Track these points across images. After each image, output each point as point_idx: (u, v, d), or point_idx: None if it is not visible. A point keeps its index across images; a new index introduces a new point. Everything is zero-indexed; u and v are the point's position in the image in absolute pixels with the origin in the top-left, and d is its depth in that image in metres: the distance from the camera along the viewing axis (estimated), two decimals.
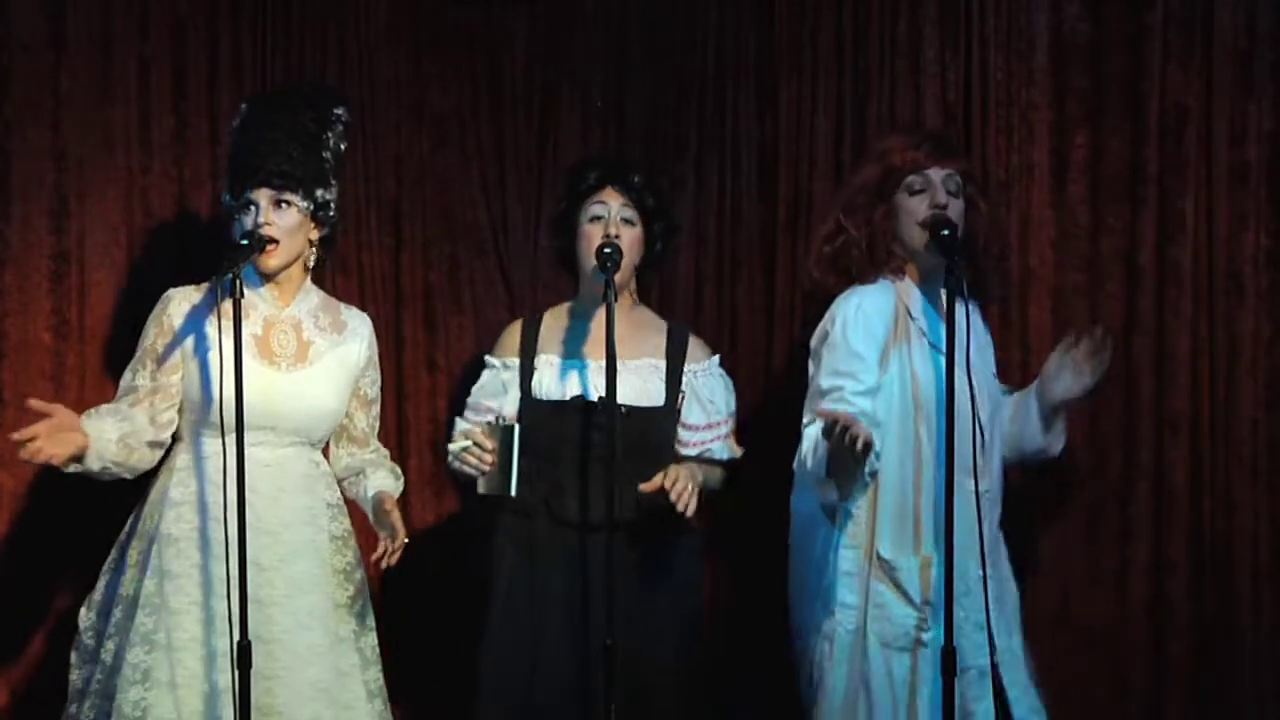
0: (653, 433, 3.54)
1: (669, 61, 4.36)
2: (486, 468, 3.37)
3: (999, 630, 3.34)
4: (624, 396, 3.48)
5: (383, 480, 3.61)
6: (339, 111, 3.58)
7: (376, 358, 3.65)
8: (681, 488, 3.33)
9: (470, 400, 3.69)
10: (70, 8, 3.92)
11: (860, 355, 3.39)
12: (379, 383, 3.66)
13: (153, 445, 3.43)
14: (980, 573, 3.28)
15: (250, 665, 3.17)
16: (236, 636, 3.17)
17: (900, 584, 3.37)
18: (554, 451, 3.50)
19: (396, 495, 3.59)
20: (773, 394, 4.20)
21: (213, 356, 3.35)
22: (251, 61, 4.11)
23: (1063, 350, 3.51)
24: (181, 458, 3.46)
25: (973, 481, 3.25)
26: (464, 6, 4.32)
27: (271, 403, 3.41)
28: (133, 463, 3.41)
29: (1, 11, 3.86)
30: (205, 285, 3.49)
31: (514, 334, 3.69)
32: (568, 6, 4.38)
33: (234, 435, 3.21)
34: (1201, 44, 3.85)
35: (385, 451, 3.71)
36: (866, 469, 3.25)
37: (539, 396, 3.56)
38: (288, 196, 3.44)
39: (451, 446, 3.46)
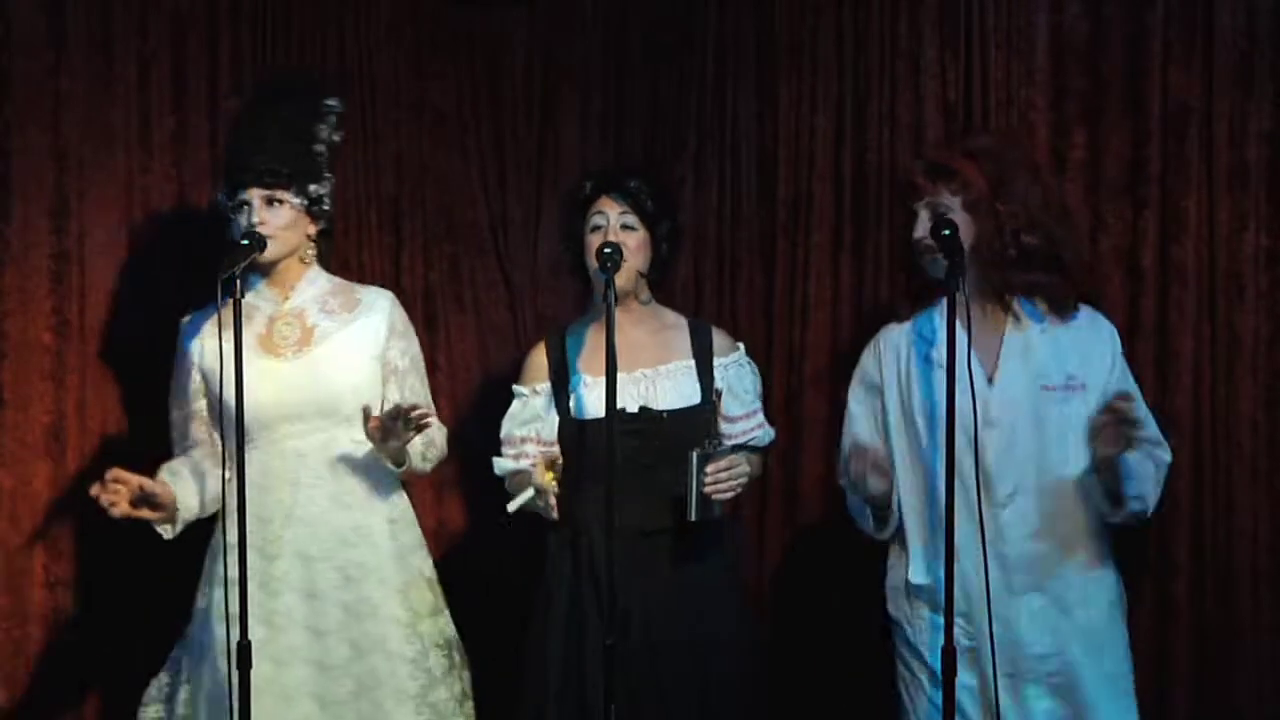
0: (694, 433, 3.53)
1: (669, 61, 4.36)
2: (554, 514, 3.47)
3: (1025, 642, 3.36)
4: (663, 402, 3.55)
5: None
6: (331, 103, 3.60)
7: (405, 327, 3.62)
8: (725, 479, 3.41)
9: (504, 433, 3.66)
10: (70, 8, 3.92)
11: (853, 413, 3.59)
12: (411, 352, 3.61)
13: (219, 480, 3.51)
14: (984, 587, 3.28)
15: (250, 665, 3.18)
16: (236, 636, 3.19)
17: (936, 601, 3.38)
18: (601, 466, 3.47)
19: (417, 462, 3.55)
20: (772, 395, 4.20)
21: (219, 365, 3.39)
22: (251, 61, 4.11)
23: (1106, 411, 3.32)
24: (226, 469, 3.48)
25: (989, 493, 3.30)
26: (464, 6, 4.32)
27: (282, 393, 3.44)
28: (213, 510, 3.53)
29: (1, 11, 3.86)
30: (210, 305, 3.51)
31: (540, 357, 3.68)
32: (568, 6, 4.38)
33: (235, 436, 3.23)
34: (1201, 44, 3.83)
35: (437, 425, 3.62)
36: (877, 507, 3.45)
37: (578, 416, 3.58)
38: (280, 194, 3.47)
39: (511, 505, 3.46)
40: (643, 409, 3.53)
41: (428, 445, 3.58)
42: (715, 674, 3.51)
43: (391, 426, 3.36)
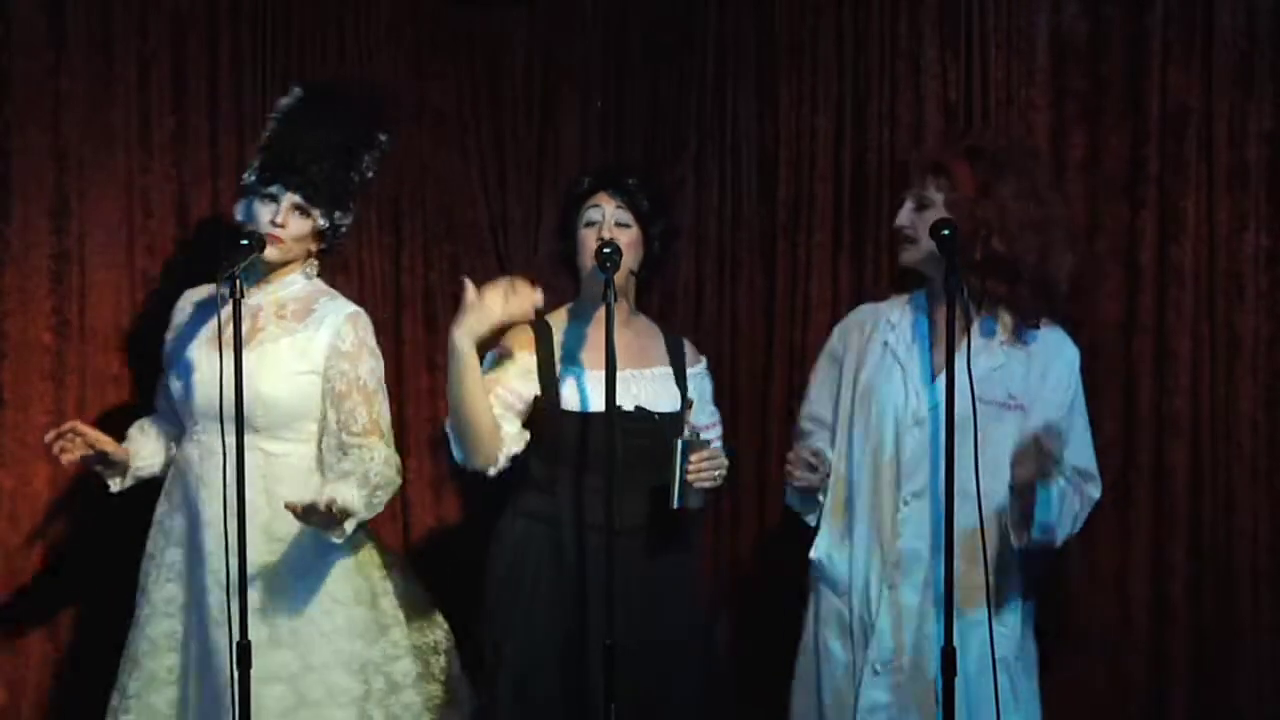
0: (674, 437, 3.54)
1: (669, 61, 4.36)
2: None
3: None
4: (652, 404, 3.56)
5: (336, 489, 3.39)
6: (382, 138, 3.62)
7: (355, 348, 3.51)
8: (708, 468, 3.45)
9: (494, 375, 3.54)
10: (70, 8, 3.91)
11: (811, 386, 3.66)
12: (354, 375, 3.50)
13: None
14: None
15: (250, 665, 3.18)
16: (237, 636, 3.20)
17: (830, 576, 3.49)
18: (588, 460, 3.48)
19: (354, 508, 3.38)
20: (772, 395, 4.20)
21: (190, 353, 3.49)
22: (251, 61, 4.10)
23: (1030, 439, 3.32)
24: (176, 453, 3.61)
25: (895, 488, 3.40)
26: (464, 6, 4.32)
27: (207, 387, 3.42)
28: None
29: (1, 11, 3.85)
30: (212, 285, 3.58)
31: (526, 335, 3.61)
32: (568, 6, 4.38)
33: (233, 432, 3.22)
34: (1201, 44, 3.84)
35: (376, 452, 3.48)
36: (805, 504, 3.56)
37: (568, 408, 3.53)
38: (312, 210, 3.49)
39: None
40: (638, 409, 3.53)
41: (372, 491, 3.44)
42: (675, 676, 3.51)
43: (313, 519, 3.32)
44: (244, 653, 3.17)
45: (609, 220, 3.57)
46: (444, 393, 4.20)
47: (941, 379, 3.29)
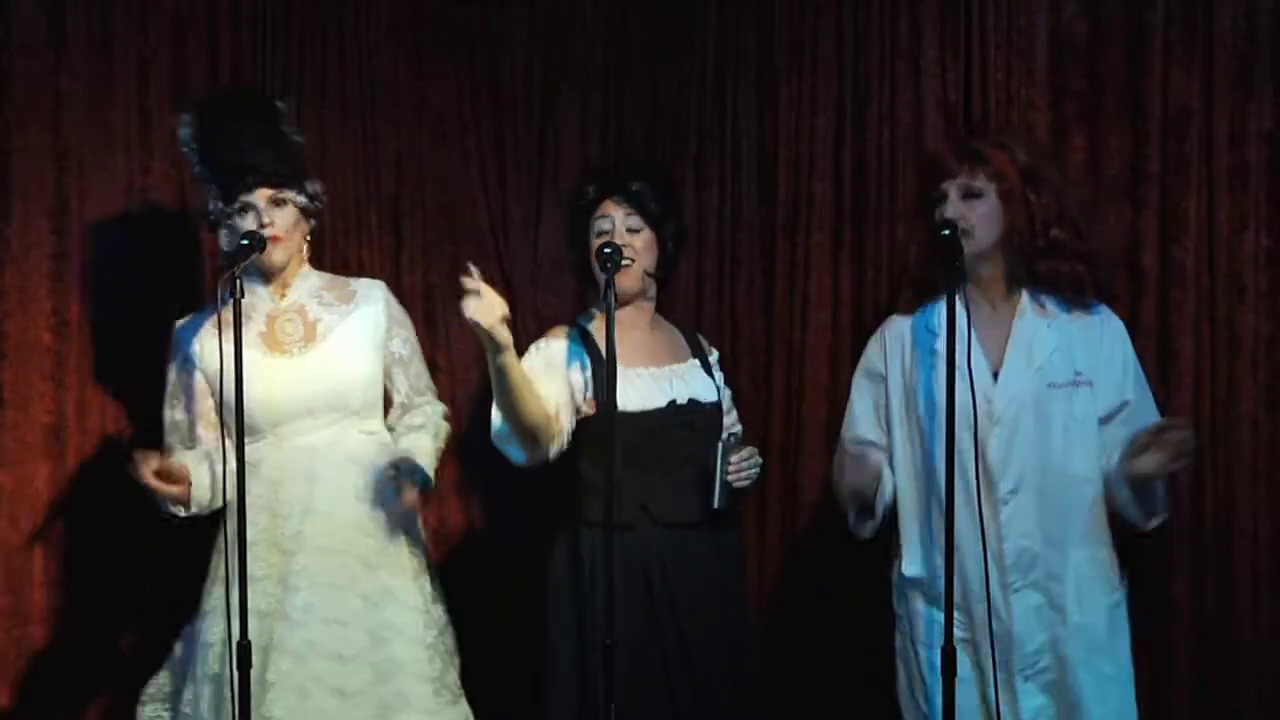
0: (719, 426, 3.64)
1: (669, 61, 4.36)
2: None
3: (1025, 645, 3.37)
4: (699, 396, 3.59)
5: (413, 441, 3.60)
6: (281, 104, 3.63)
7: (402, 315, 3.67)
8: (747, 468, 3.52)
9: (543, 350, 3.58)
10: (70, 8, 3.92)
11: (854, 405, 3.61)
12: (411, 340, 3.67)
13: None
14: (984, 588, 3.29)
15: (250, 665, 3.17)
16: (236, 636, 3.19)
17: (930, 594, 3.43)
18: (649, 457, 3.48)
19: (430, 453, 3.61)
20: (772, 395, 4.20)
21: (228, 367, 3.40)
22: (251, 61, 4.11)
23: (1152, 431, 3.39)
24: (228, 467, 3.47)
25: (990, 490, 3.33)
26: (464, 6, 4.33)
27: (295, 388, 3.46)
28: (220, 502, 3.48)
29: (1, 11, 3.86)
30: (207, 308, 3.56)
31: (560, 340, 3.59)
32: (568, 6, 4.38)
33: (240, 433, 3.23)
34: (1201, 45, 3.84)
35: (437, 407, 3.71)
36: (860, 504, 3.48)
37: (627, 409, 3.46)
38: (285, 194, 3.48)
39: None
40: (692, 401, 3.55)
41: (440, 444, 3.67)
42: (736, 672, 3.54)
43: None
44: (244, 653, 3.17)
45: (619, 228, 3.56)
46: (445, 394, 4.22)
47: (1003, 374, 3.39)
